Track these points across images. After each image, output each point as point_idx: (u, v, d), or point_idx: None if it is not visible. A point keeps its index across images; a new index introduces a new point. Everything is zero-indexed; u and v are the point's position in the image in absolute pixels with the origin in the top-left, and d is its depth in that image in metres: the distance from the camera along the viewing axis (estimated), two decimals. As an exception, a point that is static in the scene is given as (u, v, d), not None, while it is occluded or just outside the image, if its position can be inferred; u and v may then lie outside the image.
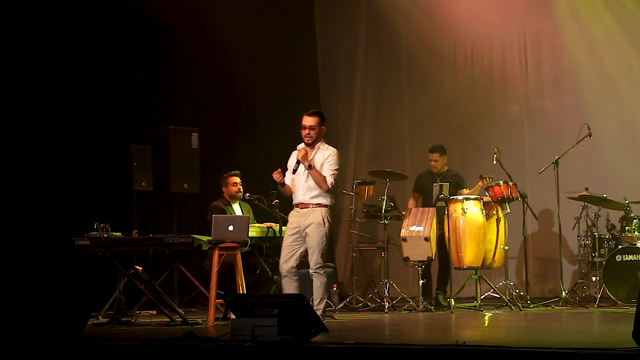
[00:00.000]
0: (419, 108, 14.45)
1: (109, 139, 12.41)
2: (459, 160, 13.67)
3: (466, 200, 11.43)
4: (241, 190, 11.30)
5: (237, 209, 11.35)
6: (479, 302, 11.43)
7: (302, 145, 9.30)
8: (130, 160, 11.90)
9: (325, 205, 9.12)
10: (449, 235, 11.38)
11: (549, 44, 13.90)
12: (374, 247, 12.59)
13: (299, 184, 9.15)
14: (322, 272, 9.21)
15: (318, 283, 9.25)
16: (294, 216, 9.23)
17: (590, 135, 11.83)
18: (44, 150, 11.97)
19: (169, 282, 11.88)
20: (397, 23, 14.60)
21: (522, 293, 11.83)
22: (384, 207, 11.87)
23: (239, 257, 10.16)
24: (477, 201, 11.48)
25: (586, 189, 12.05)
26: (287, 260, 9.27)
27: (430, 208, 11.64)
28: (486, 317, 10.57)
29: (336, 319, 10.37)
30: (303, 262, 11.86)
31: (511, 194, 11.48)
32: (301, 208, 9.14)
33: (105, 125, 12.51)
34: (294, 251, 9.30)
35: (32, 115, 11.95)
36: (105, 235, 10.01)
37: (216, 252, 9.95)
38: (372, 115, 14.78)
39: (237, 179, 11.38)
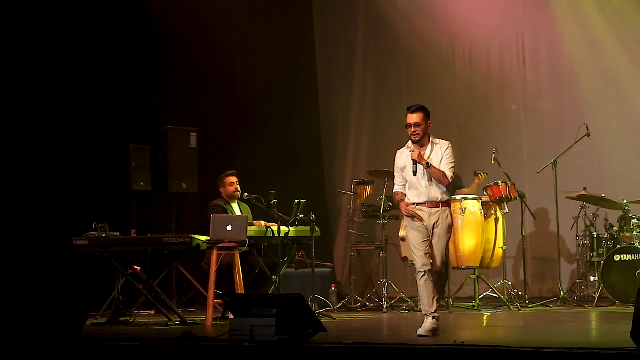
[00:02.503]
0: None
1: (108, 139, 12.41)
2: (457, 160, 13.54)
3: (465, 200, 11.43)
4: (239, 189, 11.29)
5: (236, 208, 11.35)
6: (478, 302, 11.44)
7: (410, 144, 8.60)
8: (129, 160, 11.89)
9: (450, 204, 8.61)
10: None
11: (547, 43, 13.89)
12: (372, 247, 12.58)
13: (420, 183, 8.46)
14: (445, 271, 8.58)
15: (442, 282, 8.59)
16: (420, 213, 8.45)
17: (588, 135, 11.84)
18: (43, 150, 11.96)
19: (168, 282, 11.87)
20: (396, 23, 14.59)
21: (520, 293, 11.83)
22: (382, 207, 11.87)
23: (237, 257, 10.16)
24: (476, 201, 11.49)
25: (584, 189, 12.05)
26: (427, 260, 8.37)
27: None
28: (484, 317, 10.57)
29: (334, 319, 10.38)
30: (301, 261, 11.91)
31: (510, 194, 11.50)
32: (429, 207, 8.40)
33: (104, 125, 12.51)
34: (428, 246, 8.40)
35: (31, 115, 11.95)
36: (104, 235, 10.00)
37: (215, 252, 9.95)
38: (371, 115, 14.77)
39: (234, 179, 11.36)
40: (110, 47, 12.74)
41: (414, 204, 8.46)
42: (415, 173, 8.42)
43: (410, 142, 8.57)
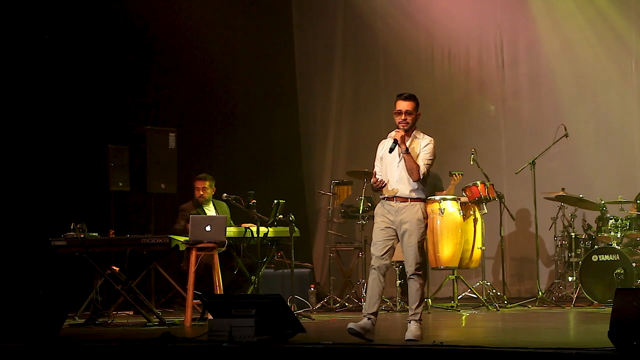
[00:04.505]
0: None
1: (87, 139, 12.37)
2: (436, 160, 13.63)
3: (443, 200, 11.45)
4: (204, 195, 11.22)
5: (211, 209, 11.31)
6: (456, 302, 11.46)
7: (393, 133, 8.17)
8: (108, 161, 11.84)
9: (424, 200, 8.10)
10: (426, 235, 11.38)
11: (526, 44, 13.94)
12: (351, 247, 12.59)
13: (392, 174, 8.05)
14: (420, 273, 7.93)
15: (417, 286, 7.92)
16: (387, 211, 8.01)
17: (566, 135, 11.88)
18: (21, 150, 11.91)
19: (146, 282, 11.84)
20: (375, 22, 14.59)
21: (499, 293, 11.86)
22: (361, 208, 11.88)
23: (216, 257, 10.15)
24: (455, 201, 11.52)
25: (562, 189, 12.10)
26: (383, 257, 7.94)
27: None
28: (463, 317, 10.60)
29: (313, 319, 10.39)
30: (280, 262, 11.90)
31: (488, 195, 11.53)
32: (397, 202, 7.98)
33: (83, 125, 12.47)
34: (389, 246, 7.98)
35: (8, 116, 11.90)
36: (82, 236, 9.98)
37: (193, 253, 9.93)
38: (350, 115, 14.77)
39: (201, 183, 11.24)
40: (89, 48, 12.70)
41: (383, 198, 8.09)
42: (391, 150, 8.04)
43: (392, 132, 8.20)
